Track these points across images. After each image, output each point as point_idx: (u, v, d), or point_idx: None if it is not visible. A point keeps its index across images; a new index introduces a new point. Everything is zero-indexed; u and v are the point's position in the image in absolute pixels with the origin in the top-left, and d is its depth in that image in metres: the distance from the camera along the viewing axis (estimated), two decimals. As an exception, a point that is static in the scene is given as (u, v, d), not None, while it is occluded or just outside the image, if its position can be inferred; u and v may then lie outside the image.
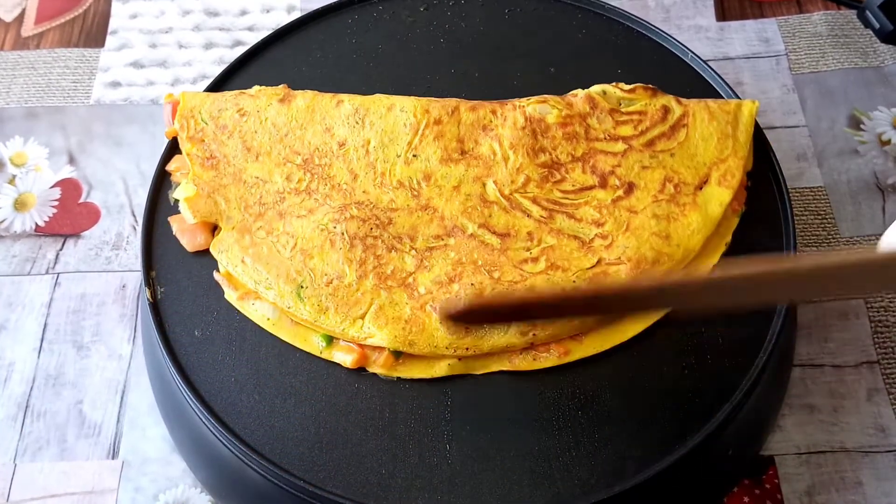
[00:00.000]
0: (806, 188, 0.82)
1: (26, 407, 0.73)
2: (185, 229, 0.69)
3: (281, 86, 0.73)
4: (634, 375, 0.63)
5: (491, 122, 0.70)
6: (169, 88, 0.91)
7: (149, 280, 0.67)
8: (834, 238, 0.79)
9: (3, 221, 0.83)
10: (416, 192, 0.68)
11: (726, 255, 0.67)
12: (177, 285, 0.67)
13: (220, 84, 0.77)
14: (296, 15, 0.95)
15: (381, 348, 0.63)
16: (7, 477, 0.70)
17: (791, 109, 0.87)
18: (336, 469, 0.60)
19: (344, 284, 0.64)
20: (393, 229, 0.66)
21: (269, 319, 0.65)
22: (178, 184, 0.71)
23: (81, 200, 0.84)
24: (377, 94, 0.72)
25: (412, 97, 0.72)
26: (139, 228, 0.74)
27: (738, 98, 0.73)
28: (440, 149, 0.69)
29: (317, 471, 0.60)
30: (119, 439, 0.71)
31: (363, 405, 0.63)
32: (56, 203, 0.84)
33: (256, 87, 0.73)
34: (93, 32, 0.96)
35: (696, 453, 0.61)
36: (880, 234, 0.78)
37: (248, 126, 0.71)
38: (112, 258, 0.81)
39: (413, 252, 0.65)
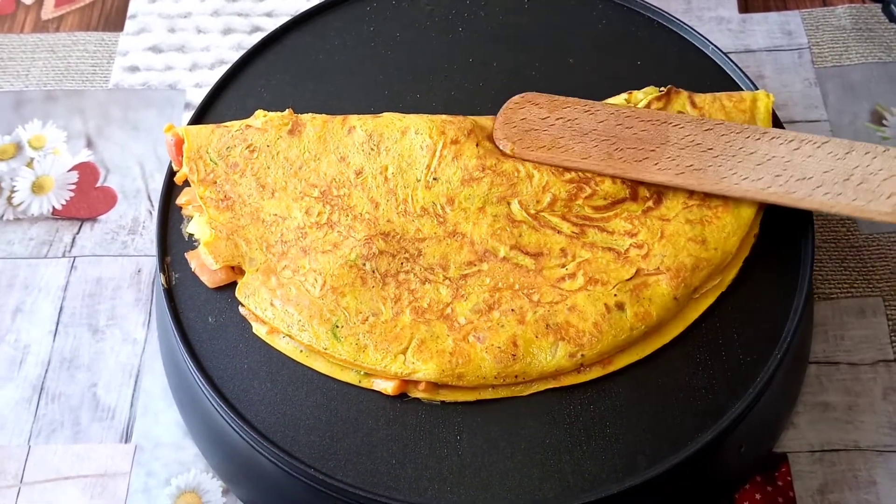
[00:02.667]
0: (826, 184, 0.81)
1: (41, 389, 0.74)
2: (203, 267, 0.66)
3: (287, 111, 0.71)
4: (647, 370, 0.63)
5: None
6: (187, 73, 0.91)
7: (164, 266, 0.68)
8: (853, 234, 0.78)
9: (20, 204, 0.83)
10: (441, 219, 0.66)
11: (755, 246, 0.67)
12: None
13: (238, 70, 0.77)
14: (315, 1, 0.95)
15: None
16: (21, 458, 0.70)
17: (813, 104, 0.86)
18: (346, 458, 0.60)
19: (381, 321, 0.63)
20: (424, 261, 0.64)
21: (301, 352, 0.64)
22: (191, 217, 0.69)
23: (98, 184, 0.85)
24: (387, 114, 0.71)
25: (424, 116, 0.70)
26: (155, 214, 0.74)
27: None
28: (460, 169, 0.67)
29: (327, 459, 0.60)
30: (132, 423, 0.72)
31: (375, 394, 0.62)
32: (73, 186, 0.84)
33: (262, 116, 0.71)
34: (112, 16, 0.96)
35: (709, 449, 0.60)
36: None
37: (260, 162, 0.69)
38: (128, 243, 0.81)
39: (447, 282, 0.64)
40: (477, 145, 0.68)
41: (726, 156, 0.65)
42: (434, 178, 0.67)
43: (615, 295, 0.63)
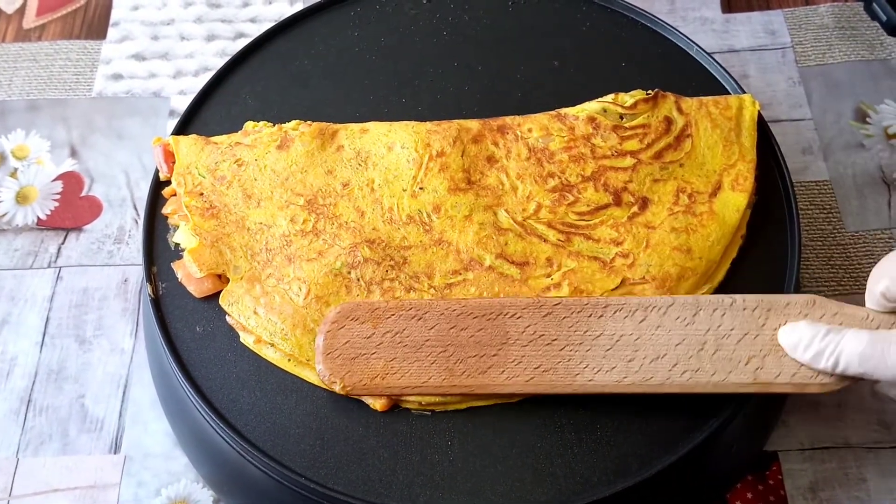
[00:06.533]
0: (811, 182, 0.82)
1: (28, 401, 0.73)
2: (190, 276, 0.66)
3: (276, 127, 0.71)
4: (637, 372, 0.63)
5: (494, 154, 0.68)
6: (171, 80, 0.90)
7: (150, 276, 0.67)
8: (839, 232, 0.79)
9: (4, 215, 0.83)
10: (427, 226, 0.66)
11: (743, 247, 0.67)
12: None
13: (222, 77, 0.77)
14: (298, 7, 0.95)
15: None
16: (10, 471, 0.70)
17: (797, 102, 0.87)
18: (337, 465, 0.60)
19: None
20: (409, 269, 0.64)
21: (290, 361, 0.63)
22: (177, 227, 0.69)
23: (83, 194, 0.84)
24: (374, 128, 0.70)
25: (410, 125, 0.70)
26: (141, 222, 0.73)
27: (744, 91, 0.73)
28: (447, 179, 0.67)
29: (318, 467, 0.60)
30: (121, 434, 0.71)
31: (364, 402, 0.62)
32: (58, 196, 0.84)
33: (252, 130, 0.71)
34: (94, 24, 0.95)
35: (700, 450, 0.60)
36: (885, 229, 0.78)
37: (248, 174, 0.68)
38: (114, 252, 0.80)
39: (432, 290, 0.63)
40: (462, 154, 0.68)
41: (573, 345, 0.59)
42: (420, 188, 0.67)
43: None
